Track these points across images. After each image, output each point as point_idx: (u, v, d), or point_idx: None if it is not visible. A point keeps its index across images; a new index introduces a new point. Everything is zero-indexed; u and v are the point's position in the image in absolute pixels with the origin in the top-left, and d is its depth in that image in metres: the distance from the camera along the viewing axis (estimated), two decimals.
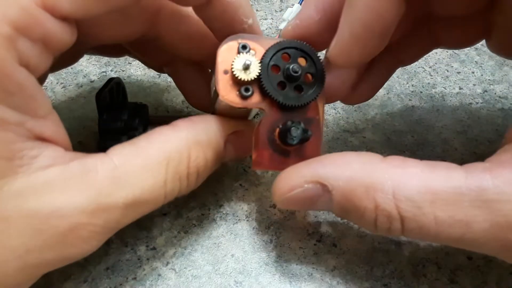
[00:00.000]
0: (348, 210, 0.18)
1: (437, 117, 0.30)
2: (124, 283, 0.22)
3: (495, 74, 0.33)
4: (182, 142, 0.19)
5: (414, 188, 0.17)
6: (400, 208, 0.17)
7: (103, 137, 0.23)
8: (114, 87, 0.24)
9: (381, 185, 0.17)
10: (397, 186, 0.17)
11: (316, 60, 0.20)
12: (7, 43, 0.15)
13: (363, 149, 0.28)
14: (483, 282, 0.22)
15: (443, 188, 0.17)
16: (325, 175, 0.18)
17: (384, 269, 0.23)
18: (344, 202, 0.18)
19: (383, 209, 0.17)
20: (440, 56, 0.34)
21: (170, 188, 0.19)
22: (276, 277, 0.22)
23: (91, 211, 0.17)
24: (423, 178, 0.17)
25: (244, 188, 0.26)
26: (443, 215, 0.16)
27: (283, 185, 0.19)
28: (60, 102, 0.30)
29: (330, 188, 0.18)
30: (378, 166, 0.18)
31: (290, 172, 0.20)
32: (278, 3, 0.38)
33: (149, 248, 0.23)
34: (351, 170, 0.18)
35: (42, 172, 0.17)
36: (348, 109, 0.31)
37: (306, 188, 0.19)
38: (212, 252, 0.23)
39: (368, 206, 0.18)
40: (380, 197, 0.17)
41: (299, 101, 0.20)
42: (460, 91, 0.32)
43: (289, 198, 0.19)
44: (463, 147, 0.28)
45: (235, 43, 0.20)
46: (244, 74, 0.19)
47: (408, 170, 0.18)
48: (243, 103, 0.20)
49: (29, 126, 0.16)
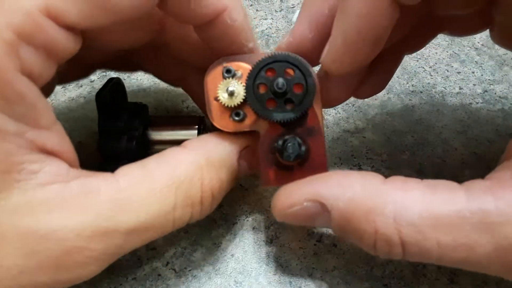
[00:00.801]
0: (346, 231, 0.18)
1: (437, 117, 0.30)
2: (124, 283, 0.22)
3: (495, 74, 0.33)
4: (193, 165, 0.19)
5: (416, 213, 0.16)
6: (402, 233, 0.17)
7: (103, 137, 0.23)
8: (114, 87, 0.24)
9: (381, 209, 0.17)
10: (399, 211, 0.17)
11: (304, 69, 0.20)
12: (9, 49, 0.15)
13: (363, 149, 0.28)
14: (483, 282, 0.22)
15: (446, 212, 0.16)
16: (325, 195, 0.18)
17: (384, 269, 0.23)
18: (342, 223, 0.18)
19: (383, 233, 0.17)
20: (440, 56, 0.34)
21: (180, 214, 0.18)
22: (276, 277, 0.22)
23: (88, 235, 0.16)
24: (425, 201, 0.17)
25: (244, 188, 0.26)
26: (446, 239, 0.16)
27: (283, 201, 0.19)
28: (60, 102, 0.30)
29: (330, 208, 0.18)
30: (379, 188, 0.17)
31: (290, 188, 0.19)
32: (278, 3, 0.38)
33: (149, 248, 0.23)
34: (352, 191, 0.18)
35: (40, 189, 0.16)
36: (348, 109, 0.31)
37: (306, 206, 0.18)
38: (212, 252, 0.23)
39: (368, 230, 0.17)
40: (380, 222, 0.17)
41: (292, 115, 0.20)
42: (460, 91, 0.32)
43: (288, 214, 0.19)
44: (463, 147, 0.28)
45: (220, 67, 0.20)
46: (231, 100, 0.19)
47: (409, 193, 0.17)
48: (237, 127, 0.20)
49: (30, 137, 0.16)
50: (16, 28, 0.15)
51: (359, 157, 0.28)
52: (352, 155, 0.28)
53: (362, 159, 0.28)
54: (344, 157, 0.28)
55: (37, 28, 0.15)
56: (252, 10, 0.37)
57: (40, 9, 0.15)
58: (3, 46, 0.14)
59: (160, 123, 0.25)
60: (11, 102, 0.15)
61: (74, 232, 0.16)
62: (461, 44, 0.35)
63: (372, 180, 0.18)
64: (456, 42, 0.35)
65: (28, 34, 0.15)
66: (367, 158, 0.28)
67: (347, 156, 0.28)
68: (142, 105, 0.25)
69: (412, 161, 0.27)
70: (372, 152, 0.28)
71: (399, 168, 0.27)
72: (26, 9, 0.15)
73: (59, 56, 0.16)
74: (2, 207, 0.15)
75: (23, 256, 0.15)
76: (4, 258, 0.15)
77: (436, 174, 0.27)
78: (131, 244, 0.17)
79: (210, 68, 0.20)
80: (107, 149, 0.23)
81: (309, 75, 0.20)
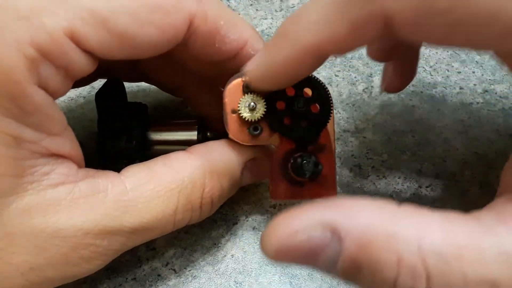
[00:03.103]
0: (360, 266, 0.15)
1: (438, 117, 0.30)
2: (123, 283, 0.22)
3: (496, 74, 0.33)
4: (197, 171, 0.19)
5: (440, 240, 0.14)
6: (427, 263, 0.14)
7: (103, 137, 0.23)
8: (114, 87, 0.24)
9: (404, 235, 0.14)
10: (423, 238, 0.14)
11: (322, 89, 0.20)
12: (29, 64, 0.15)
13: (363, 149, 0.28)
14: None
15: (466, 241, 0.14)
16: (338, 220, 0.15)
17: None
18: (358, 254, 0.14)
19: (408, 264, 0.14)
20: (440, 56, 0.34)
21: (180, 217, 0.19)
22: (276, 277, 0.22)
23: (95, 233, 0.17)
24: (446, 229, 0.15)
25: (244, 188, 0.26)
26: (471, 272, 0.14)
27: (281, 229, 0.15)
28: (59, 102, 0.30)
29: (343, 236, 0.14)
30: (398, 213, 0.15)
31: (291, 214, 0.15)
32: (278, 3, 0.38)
33: (148, 249, 0.23)
34: (368, 216, 0.15)
35: (51, 190, 0.17)
36: (348, 109, 0.30)
37: (312, 235, 0.15)
38: (211, 252, 0.23)
39: (389, 260, 0.14)
40: (404, 250, 0.14)
41: (308, 134, 0.20)
42: (461, 91, 0.32)
43: (287, 247, 0.15)
44: (464, 147, 0.28)
45: (240, 80, 0.20)
46: (251, 115, 0.20)
47: (428, 219, 0.15)
48: (254, 141, 0.20)
49: (45, 144, 0.17)
50: (38, 46, 0.15)
51: (359, 157, 0.28)
52: (352, 155, 0.28)
53: (362, 159, 0.28)
54: (344, 157, 0.28)
55: (58, 49, 0.16)
56: (252, 9, 0.37)
57: (64, 31, 0.16)
58: (24, 61, 0.15)
59: (160, 123, 0.25)
60: (29, 113, 0.16)
61: (82, 231, 0.17)
62: None
63: (386, 204, 0.16)
64: None
65: (49, 53, 0.16)
66: (367, 158, 0.28)
67: (347, 156, 0.28)
68: (142, 105, 0.25)
69: (413, 161, 0.27)
70: (372, 152, 0.28)
71: (399, 168, 0.27)
72: (51, 30, 0.16)
73: (76, 76, 0.17)
74: (13, 209, 0.16)
75: (32, 253, 0.16)
76: (13, 256, 0.16)
77: (437, 174, 0.27)
78: (134, 242, 0.18)
79: (230, 81, 0.20)
80: (106, 149, 0.23)
81: (326, 97, 0.20)
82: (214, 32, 0.19)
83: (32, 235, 0.16)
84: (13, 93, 0.15)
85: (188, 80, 0.25)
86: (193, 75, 0.25)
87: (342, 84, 0.31)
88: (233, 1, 0.38)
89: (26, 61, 0.15)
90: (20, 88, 0.15)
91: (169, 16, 0.17)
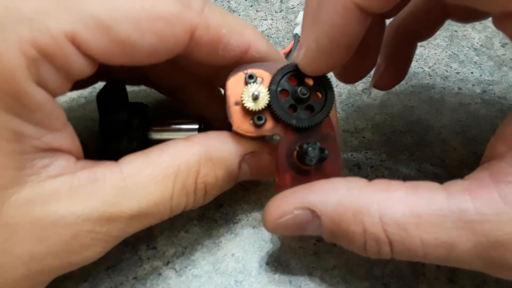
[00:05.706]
0: (337, 235, 0.19)
1: (436, 117, 0.30)
2: (124, 283, 0.22)
3: (494, 74, 0.33)
4: (193, 157, 0.20)
5: (400, 212, 0.17)
6: (388, 232, 0.17)
7: (104, 137, 0.23)
8: (115, 88, 0.24)
9: (367, 209, 0.18)
10: (384, 210, 0.17)
11: (323, 77, 0.21)
12: (30, 64, 0.16)
13: (362, 149, 0.28)
14: (483, 282, 0.22)
15: (427, 211, 0.17)
16: (314, 201, 0.19)
17: (383, 268, 0.23)
18: (333, 227, 0.19)
19: (371, 232, 0.18)
20: (439, 57, 0.34)
21: (176, 202, 0.19)
22: (276, 277, 0.22)
23: (94, 220, 0.17)
24: (408, 201, 0.17)
25: (244, 188, 0.26)
26: (429, 237, 0.17)
27: (274, 211, 0.19)
28: (61, 101, 0.31)
29: (319, 214, 0.19)
30: (364, 191, 0.18)
31: (280, 199, 0.20)
32: (278, 3, 0.38)
33: (149, 248, 0.23)
34: (339, 195, 0.18)
35: (50, 181, 0.17)
36: (348, 109, 0.31)
37: (296, 214, 0.19)
38: (212, 252, 0.23)
39: (357, 231, 0.18)
40: (367, 221, 0.18)
41: (312, 121, 0.20)
42: (459, 92, 0.32)
43: (280, 224, 0.19)
44: (462, 147, 0.28)
45: (242, 73, 0.20)
46: (255, 104, 0.20)
47: (392, 193, 0.18)
48: (258, 131, 0.20)
49: (45, 139, 0.17)
50: (39, 47, 0.16)
51: (359, 157, 0.28)
52: (352, 155, 0.28)
53: (362, 159, 0.28)
54: (344, 157, 0.28)
55: (59, 50, 0.16)
56: (252, 10, 0.37)
57: (66, 34, 0.16)
58: (25, 60, 0.16)
59: (161, 123, 0.25)
60: (29, 109, 0.16)
61: (82, 218, 0.17)
62: (460, 45, 0.35)
63: (356, 183, 0.19)
64: (455, 43, 0.35)
65: (49, 54, 0.16)
66: (366, 158, 0.28)
67: (347, 156, 0.28)
68: (142, 105, 0.25)
69: (412, 161, 0.27)
70: (372, 152, 0.28)
71: (398, 168, 0.27)
72: (53, 32, 0.16)
73: (76, 77, 0.18)
74: (14, 201, 0.16)
75: (33, 242, 0.16)
76: (15, 247, 0.16)
77: (435, 174, 0.27)
78: (133, 228, 0.19)
79: (232, 74, 0.20)
80: (107, 149, 0.23)
81: (328, 85, 0.21)
82: (217, 41, 0.19)
83: (33, 225, 0.16)
84: (14, 91, 0.16)
85: (188, 80, 0.26)
86: (193, 76, 0.25)
87: (341, 85, 0.32)
88: (233, 3, 0.38)
89: (27, 61, 0.16)
90: (20, 86, 0.16)
91: (170, 26, 0.18)
